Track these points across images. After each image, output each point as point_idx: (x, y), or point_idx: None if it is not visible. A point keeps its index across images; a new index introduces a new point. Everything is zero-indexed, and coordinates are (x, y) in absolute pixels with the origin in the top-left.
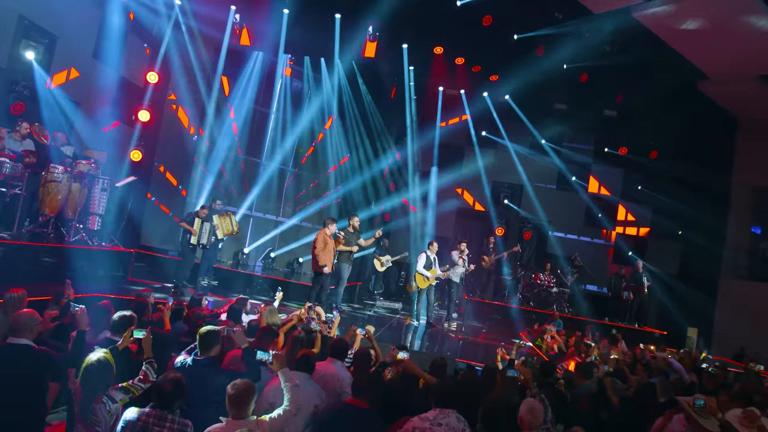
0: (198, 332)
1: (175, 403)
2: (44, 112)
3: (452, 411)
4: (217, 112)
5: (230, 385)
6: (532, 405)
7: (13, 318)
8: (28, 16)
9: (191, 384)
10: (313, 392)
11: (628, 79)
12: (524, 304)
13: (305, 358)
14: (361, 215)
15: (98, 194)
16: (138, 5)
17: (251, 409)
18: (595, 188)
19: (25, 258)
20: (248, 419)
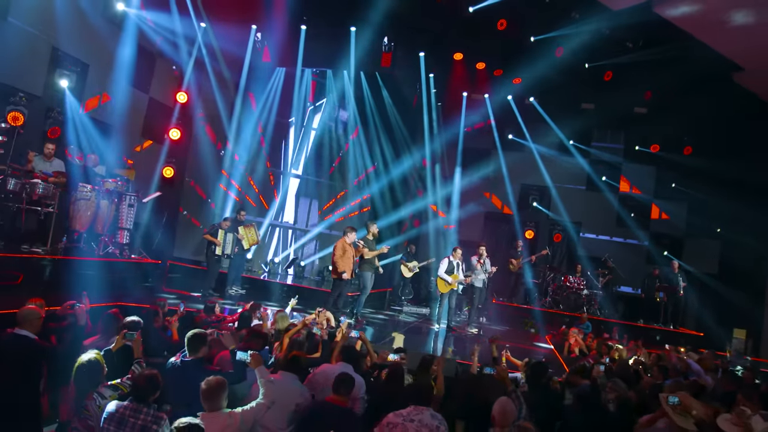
0: (186, 336)
1: (149, 396)
2: (78, 136)
3: (427, 408)
4: (245, 127)
5: (203, 381)
6: (504, 404)
7: (18, 312)
8: (60, 47)
9: (180, 383)
10: (296, 390)
11: (657, 75)
12: (554, 307)
13: (293, 360)
14: (390, 222)
15: (126, 210)
16: (165, 30)
17: (223, 402)
18: (626, 188)
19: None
20: (222, 411)
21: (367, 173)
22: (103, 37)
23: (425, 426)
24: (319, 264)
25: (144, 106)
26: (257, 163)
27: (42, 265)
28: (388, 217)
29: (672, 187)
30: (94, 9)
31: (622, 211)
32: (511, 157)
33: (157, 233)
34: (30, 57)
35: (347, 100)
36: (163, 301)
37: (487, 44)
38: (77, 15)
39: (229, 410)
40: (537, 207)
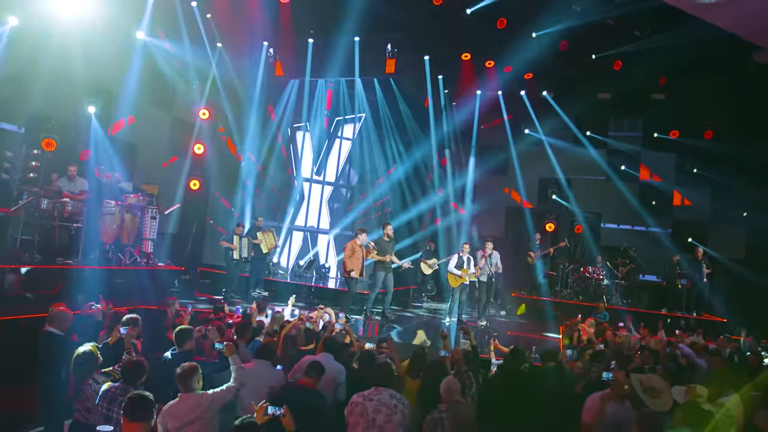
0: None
1: (137, 379)
2: (107, 156)
3: (386, 389)
4: (264, 137)
5: (179, 367)
6: (449, 382)
7: (50, 313)
8: (88, 77)
9: (170, 373)
10: (269, 375)
11: (671, 60)
12: (573, 298)
13: (264, 348)
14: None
15: (149, 222)
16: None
17: (196, 384)
18: (646, 176)
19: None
20: (195, 393)
21: (387, 174)
22: (126, 64)
23: (384, 405)
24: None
25: (167, 125)
26: (278, 171)
27: (75, 275)
28: (408, 215)
29: (694, 173)
30: (116, 38)
31: (642, 200)
32: (528, 151)
33: (187, 242)
34: (59, 87)
35: (360, 105)
36: (173, 299)
37: (490, 43)
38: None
39: (202, 392)
40: (556, 199)
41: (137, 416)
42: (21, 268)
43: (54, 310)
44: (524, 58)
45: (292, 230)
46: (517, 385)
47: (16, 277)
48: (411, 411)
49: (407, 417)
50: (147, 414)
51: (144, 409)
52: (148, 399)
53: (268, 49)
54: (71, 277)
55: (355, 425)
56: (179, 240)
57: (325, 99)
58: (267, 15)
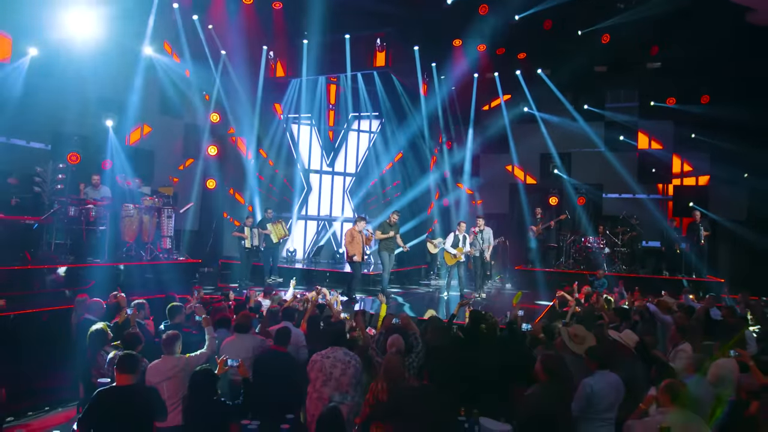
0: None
1: (134, 348)
2: (127, 163)
3: (341, 348)
4: (272, 134)
5: (164, 334)
6: (393, 338)
7: (88, 304)
8: (102, 94)
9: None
10: (249, 343)
11: (662, 29)
12: (575, 267)
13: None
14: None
15: (165, 221)
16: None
17: (176, 349)
18: (645, 144)
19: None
20: (174, 355)
21: (395, 161)
22: (136, 79)
23: (339, 361)
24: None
25: (181, 130)
26: (286, 165)
27: (103, 271)
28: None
29: (692, 138)
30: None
31: (641, 168)
32: (528, 128)
33: (209, 237)
34: (78, 105)
35: (363, 98)
36: (198, 288)
37: (477, 28)
38: (112, 63)
39: (180, 355)
40: (558, 174)
41: (125, 369)
42: (59, 267)
43: (85, 301)
44: (513, 40)
45: (306, 219)
46: (472, 343)
47: (55, 276)
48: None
49: (359, 371)
50: (132, 368)
51: (129, 364)
52: (134, 357)
53: (268, 52)
54: (100, 273)
55: (316, 379)
56: (200, 236)
57: (325, 94)
58: (263, 21)
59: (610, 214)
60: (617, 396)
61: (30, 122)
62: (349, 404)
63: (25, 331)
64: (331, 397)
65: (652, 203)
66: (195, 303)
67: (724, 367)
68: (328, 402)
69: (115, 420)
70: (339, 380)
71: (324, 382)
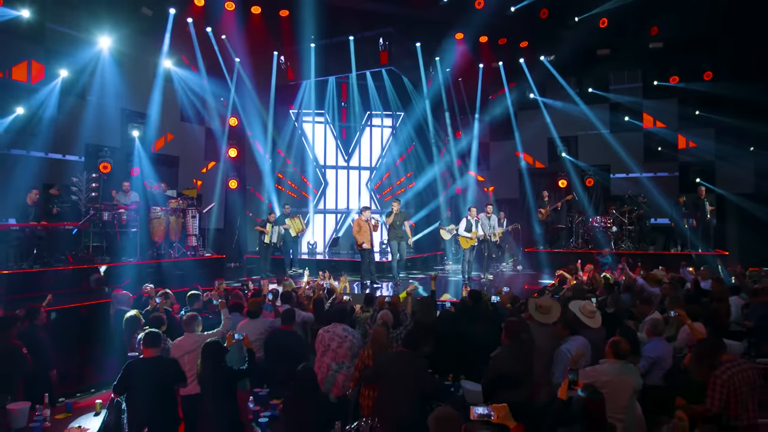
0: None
1: (158, 328)
2: (153, 170)
3: (340, 324)
4: (287, 134)
5: (184, 316)
6: (383, 313)
7: (119, 296)
8: (127, 107)
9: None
10: (261, 326)
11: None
12: (583, 247)
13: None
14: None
15: (190, 221)
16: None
17: (196, 328)
18: (650, 123)
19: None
20: (195, 333)
21: (407, 153)
22: (158, 90)
23: (337, 335)
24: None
25: (202, 135)
26: (302, 162)
27: (137, 269)
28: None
29: (696, 115)
30: (147, 69)
31: (647, 147)
32: (535, 114)
33: (233, 234)
34: (107, 120)
35: (371, 95)
36: (221, 280)
37: (476, 22)
38: (135, 78)
39: (199, 333)
40: (566, 157)
41: (149, 344)
42: (99, 267)
43: (118, 294)
44: (513, 30)
45: (324, 213)
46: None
47: (96, 275)
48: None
49: (355, 345)
50: (155, 343)
51: (153, 340)
52: (157, 334)
53: (278, 57)
54: (134, 271)
55: (318, 350)
56: (225, 233)
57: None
58: (271, 29)
59: (617, 194)
60: (587, 354)
61: (64, 137)
62: (345, 373)
63: (68, 323)
64: (329, 366)
65: (659, 181)
66: (216, 293)
67: (683, 330)
68: (328, 370)
69: (142, 385)
70: (336, 351)
71: (323, 352)
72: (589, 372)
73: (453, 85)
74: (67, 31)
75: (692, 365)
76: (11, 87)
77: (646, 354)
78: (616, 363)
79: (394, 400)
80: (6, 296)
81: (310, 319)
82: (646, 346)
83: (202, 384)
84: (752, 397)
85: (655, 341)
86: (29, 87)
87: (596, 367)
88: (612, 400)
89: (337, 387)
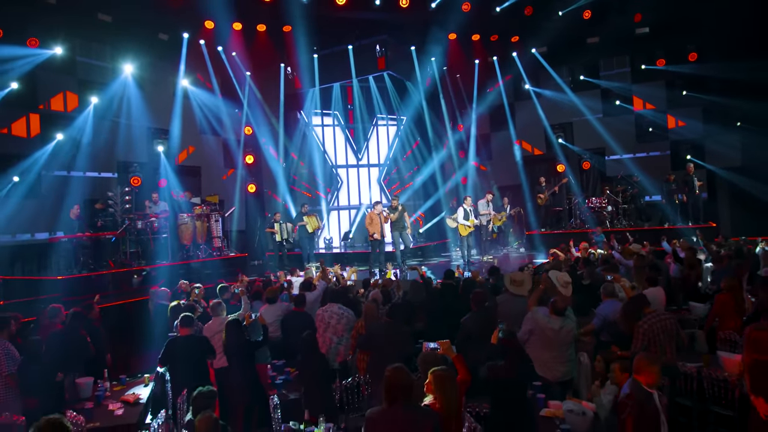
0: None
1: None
2: (178, 180)
3: (336, 304)
4: (300, 138)
5: (211, 304)
6: (374, 292)
7: (158, 292)
8: (152, 125)
9: None
10: (279, 309)
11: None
12: (580, 227)
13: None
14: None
15: (214, 224)
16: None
17: (222, 313)
18: (640, 106)
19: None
20: (221, 317)
21: (413, 148)
22: (179, 108)
23: (334, 314)
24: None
25: (220, 146)
26: (314, 163)
27: (169, 270)
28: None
29: (683, 95)
30: (168, 90)
31: (638, 129)
32: (530, 104)
33: (255, 234)
34: (134, 138)
35: (374, 97)
36: (243, 277)
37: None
38: (157, 98)
39: (224, 316)
40: (562, 143)
41: (184, 324)
42: (140, 270)
43: (156, 291)
44: (503, 27)
45: (338, 210)
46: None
47: (137, 278)
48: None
49: (351, 321)
50: (189, 323)
51: (188, 321)
52: (191, 317)
53: (285, 69)
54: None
55: (319, 327)
56: (247, 234)
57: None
58: (276, 43)
59: (612, 176)
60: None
61: (99, 157)
62: (345, 345)
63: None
64: (331, 339)
65: (652, 160)
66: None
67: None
68: (331, 343)
69: (180, 357)
70: (335, 327)
71: (325, 329)
72: (539, 321)
73: (450, 81)
74: (95, 63)
75: (620, 320)
76: (51, 116)
77: (599, 312)
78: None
79: (383, 361)
80: (63, 297)
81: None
82: (599, 306)
83: (228, 353)
84: (669, 341)
85: (607, 302)
86: (66, 115)
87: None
88: (554, 346)
89: (340, 356)
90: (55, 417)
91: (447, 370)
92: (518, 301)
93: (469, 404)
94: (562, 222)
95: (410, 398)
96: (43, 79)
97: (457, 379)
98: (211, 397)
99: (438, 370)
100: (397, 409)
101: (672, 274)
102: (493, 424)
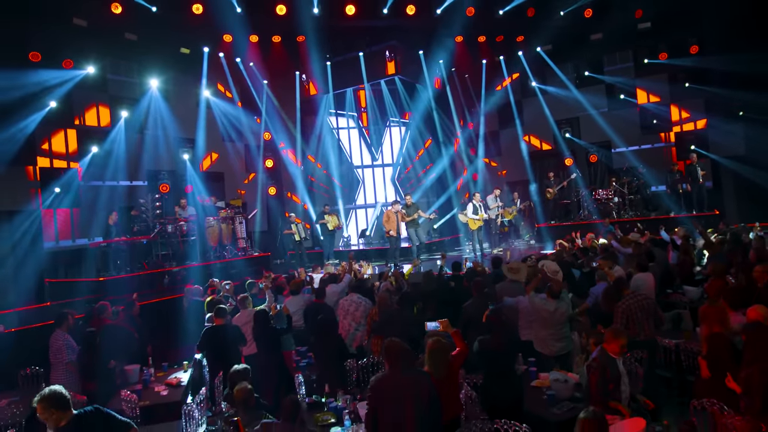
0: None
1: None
2: (203, 186)
3: (355, 294)
4: (317, 141)
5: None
6: (386, 282)
7: (192, 290)
8: (177, 135)
9: None
10: (301, 300)
11: None
12: (588, 219)
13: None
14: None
15: (238, 226)
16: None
17: (249, 305)
18: (644, 99)
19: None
20: (248, 309)
21: (425, 147)
22: (202, 117)
23: (353, 302)
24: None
25: (242, 151)
26: (332, 165)
27: (199, 270)
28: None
29: (686, 87)
30: (191, 101)
31: (643, 121)
32: (538, 102)
33: (277, 235)
34: (162, 148)
35: (386, 100)
36: (268, 273)
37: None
38: (181, 109)
39: (251, 308)
40: (570, 137)
41: (218, 315)
42: (171, 270)
43: (191, 288)
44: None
45: (356, 209)
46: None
47: (168, 278)
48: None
49: (367, 308)
50: (222, 314)
51: (221, 313)
52: (223, 308)
53: (300, 76)
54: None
55: (340, 315)
56: (270, 234)
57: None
58: (291, 53)
59: (618, 168)
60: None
61: (130, 166)
62: (362, 331)
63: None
64: (350, 325)
65: (657, 152)
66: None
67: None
68: (350, 329)
69: (215, 344)
70: (354, 314)
71: (344, 316)
72: (536, 304)
73: (459, 81)
74: (124, 79)
75: (602, 300)
76: (86, 131)
77: (592, 292)
78: (550, 300)
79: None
80: (105, 297)
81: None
82: (592, 288)
83: (257, 341)
84: (647, 319)
85: (600, 284)
86: (99, 129)
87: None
88: (550, 325)
89: (356, 341)
90: (56, 388)
91: (438, 341)
92: (515, 286)
93: (467, 376)
94: (571, 214)
95: (408, 364)
96: (77, 97)
97: (455, 352)
98: (246, 373)
99: (429, 340)
100: (397, 372)
101: (671, 261)
102: (485, 391)
